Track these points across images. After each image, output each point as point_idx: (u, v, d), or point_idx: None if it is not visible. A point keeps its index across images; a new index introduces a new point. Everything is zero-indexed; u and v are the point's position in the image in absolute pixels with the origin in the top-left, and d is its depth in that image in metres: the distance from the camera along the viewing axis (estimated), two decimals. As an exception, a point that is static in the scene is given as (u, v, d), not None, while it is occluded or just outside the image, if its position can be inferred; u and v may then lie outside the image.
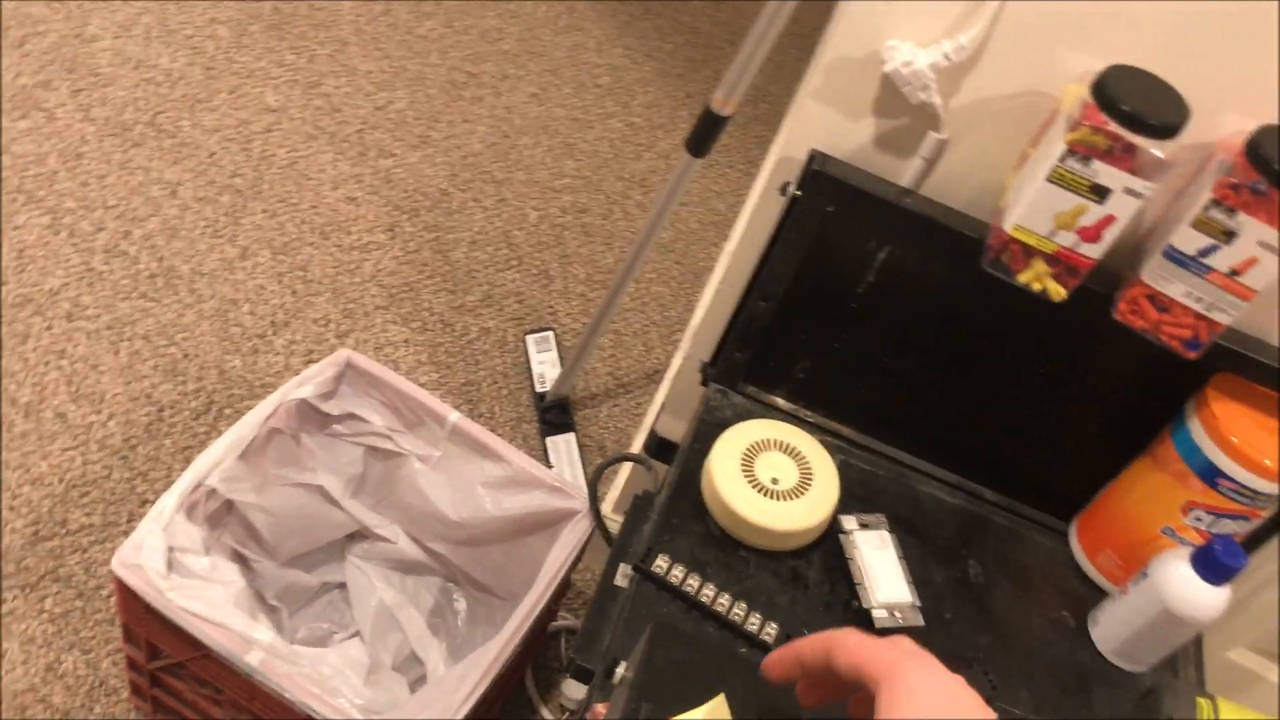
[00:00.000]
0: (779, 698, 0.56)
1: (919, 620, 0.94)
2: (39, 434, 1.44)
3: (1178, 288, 0.85)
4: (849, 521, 0.99)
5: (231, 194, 1.78)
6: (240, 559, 1.21)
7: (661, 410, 1.29)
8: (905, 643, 0.50)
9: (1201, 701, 0.93)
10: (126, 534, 1.38)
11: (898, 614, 0.94)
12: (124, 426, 1.48)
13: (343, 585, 1.34)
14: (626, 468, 1.46)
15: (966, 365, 1.03)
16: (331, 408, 1.21)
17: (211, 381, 1.56)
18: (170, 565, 1.01)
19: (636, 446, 1.51)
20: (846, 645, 0.50)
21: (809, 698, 0.55)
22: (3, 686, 1.24)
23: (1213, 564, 0.87)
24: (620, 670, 0.70)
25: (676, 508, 0.98)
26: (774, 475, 0.98)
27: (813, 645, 0.53)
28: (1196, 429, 0.92)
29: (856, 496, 1.04)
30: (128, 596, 1.01)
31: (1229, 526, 0.93)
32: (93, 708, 1.25)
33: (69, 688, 1.26)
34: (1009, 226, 0.86)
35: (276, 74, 1.99)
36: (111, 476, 1.43)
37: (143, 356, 1.55)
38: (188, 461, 1.46)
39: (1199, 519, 0.94)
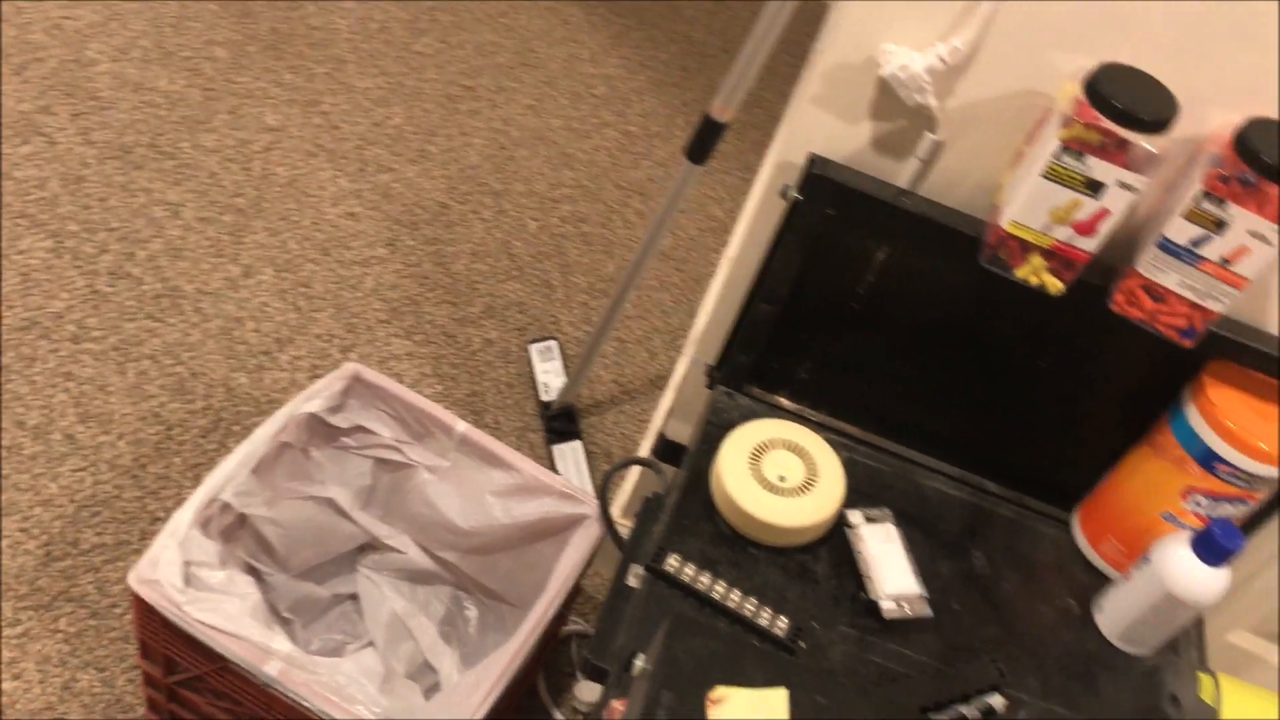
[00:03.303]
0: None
1: (927, 611, 0.96)
2: (48, 456, 1.45)
3: (1172, 278, 0.86)
4: (855, 516, 1.01)
5: (233, 213, 1.80)
6: (254, 572, 1.22)
7: (669, 414, 1.31)
8: None
9: (1203, 677, 0.95)
10: (139, 552, 1.39)
11: (906, 605, 0.95)
12: (133, 446, 1.49)
13: (354, 597, 1.36)
14: (634, 473, 1.48)
15: (967, 361, 1.05)
16: (340, 421, 1.23)
17: (219, 399, 1.57)
18: (187, 580, 1.02)
19: (644, 451, 1.52)
20: None
21: None
22: (20, 706, 1.25)
23: (1212, 547, 0.89)
24: (639, 662, 0.71)
25: (686, 508, 1.00)
26: (781, 473, 0.99)
27: None
28: (1194, 415, 0.94)
29: (862, 492, 1.05)
30: (145, 612, 1.02)
31: (1227, 510, 0.95)
32: (111, 724, 1.26)
33: (85, 705, 1.27)
34: (1006, 223, 0.88)
35: (275, 93, 2.01)
36: (122, 496, 1.44)
37: (150, 376, 1.57)
38: (197, 479, 1.48)
39: (1198, 503, 0.95)
